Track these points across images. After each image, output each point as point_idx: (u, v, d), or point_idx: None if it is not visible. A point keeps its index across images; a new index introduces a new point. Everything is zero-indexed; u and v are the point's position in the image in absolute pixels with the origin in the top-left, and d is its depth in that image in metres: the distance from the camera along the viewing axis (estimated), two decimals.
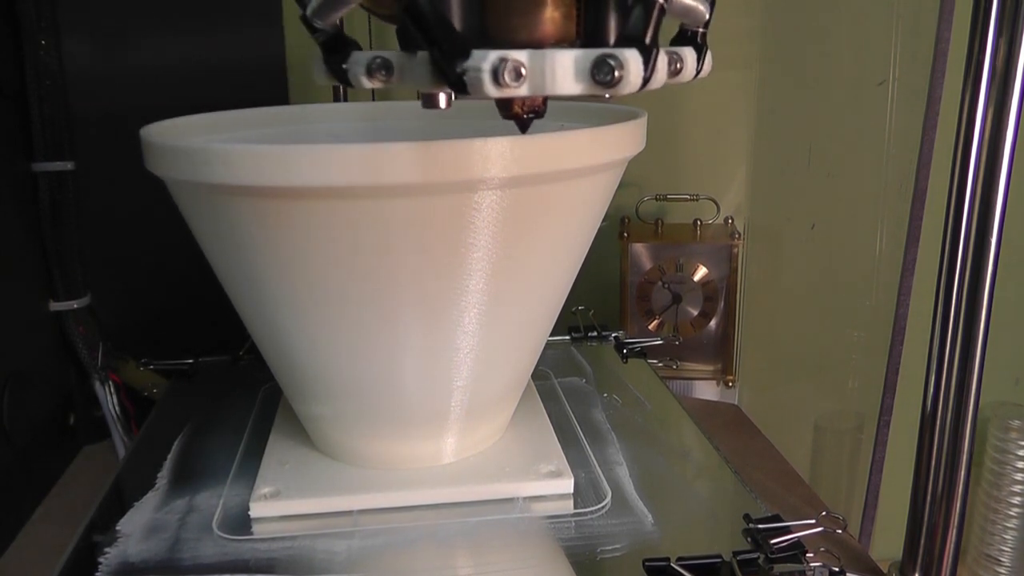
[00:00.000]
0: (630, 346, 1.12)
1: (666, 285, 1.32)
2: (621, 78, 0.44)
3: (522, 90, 0.45)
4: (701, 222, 1.31)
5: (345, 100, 1.25)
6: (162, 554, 0.70)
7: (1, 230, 1.00)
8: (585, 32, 0.47)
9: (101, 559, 0.69)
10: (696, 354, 1.35)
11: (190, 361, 1.08)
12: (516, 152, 0.61)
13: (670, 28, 0.52)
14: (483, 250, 0.66)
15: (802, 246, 1.38)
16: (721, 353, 1.34)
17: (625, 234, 1.30)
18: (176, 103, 0.85)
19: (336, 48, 0.55)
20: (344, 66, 0.54)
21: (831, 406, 1.39)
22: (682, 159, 1.39)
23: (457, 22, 0.45)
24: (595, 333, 1.16)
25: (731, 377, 1.34)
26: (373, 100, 1.30)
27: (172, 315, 1.20)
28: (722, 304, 1.32)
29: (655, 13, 0.45)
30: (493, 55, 0.44)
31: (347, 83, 0.54)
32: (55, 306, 1.10)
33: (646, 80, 0.45)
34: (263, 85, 1.19)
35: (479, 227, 0.64)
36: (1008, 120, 0.67)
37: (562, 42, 0.48)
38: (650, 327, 1.34)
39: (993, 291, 0.70)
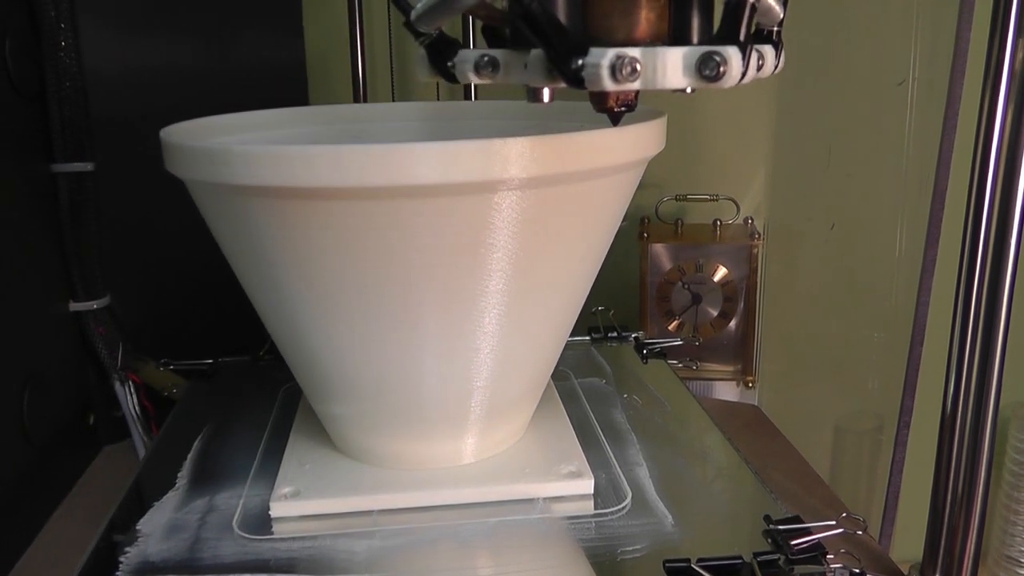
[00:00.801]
0: (650, 347, 1.12)
1: (686, 285, 1.31)
2: (724, 73, 0.48)
3: (636, 84, 0.48)
4: (721, 222, 1.31)
5: (365, 101, 1.25)
6: (182, 553, 0.70)
7: (21, 231, 1.00)
8: (676, 31, 0.51)
9: (121, 558, 0.69)
10: (716, 355, 1.35)
11: (210, 361, 1.09)
12: (536, 152, 0.61)
13: None
14: (503, 250, 0.66)
15: (822, 246, 1.38)
16: (741, 354, 1.34)
17: (645, 234, 1.30)
18: (196, 104, 0.85)
19: (441, 49, 0.59)
20: (450, 64, 0.59)
21: (851, 407, 1.38)
22: (702, 159, 1.39)
23: (566, 23, 0.50)
24: (615, 334, 1.16)
25: (751, 378, 1.34)
26: (393, 100, 1.30)
27: (192, 315, 1.20)
28: (742, 304, 1.32)
29: (747, 13, 0.48)
30: (611, 52, 0.48)
31: (452, 79, 0.59)
32: (75, 306, 1.10)
33: (743, 74, 0.49)
34: (283, 86, 1.19)
35: (499, 227, 0.64)
36: None
37: (656, 40, 0.51)
38: (670, 328, 1.33)
39: (1013, 291, 0.70)
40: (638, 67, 0.48)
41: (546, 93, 0.55)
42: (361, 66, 1.24)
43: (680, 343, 1.13)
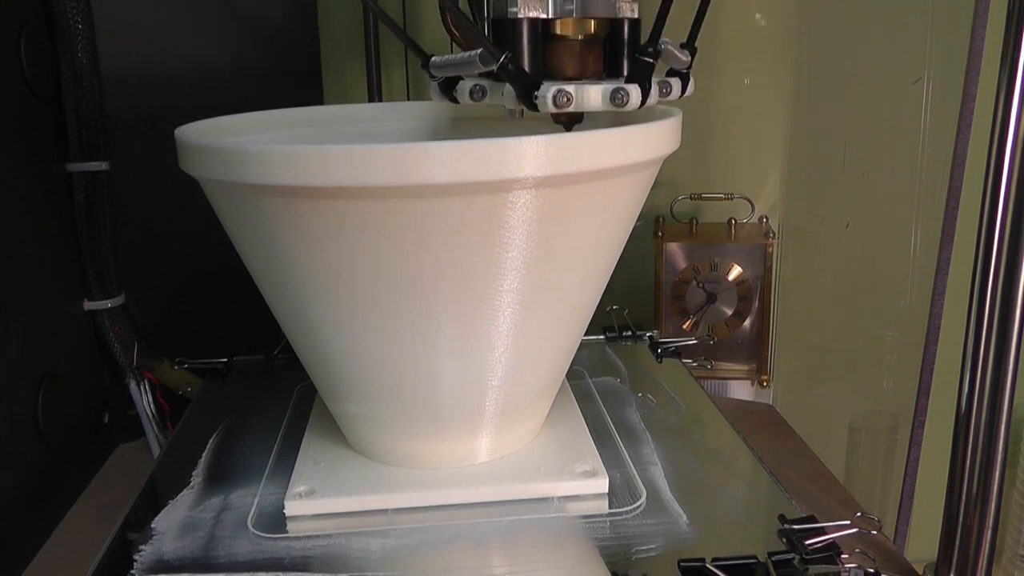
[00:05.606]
0: (664, 346, 1.12)
1: (700, 285, 1.31)
2: (628, 102, 0.70)
3: (570, 108, 0.70)
4: (736, 221, 1.31)
5: (380, 100, 1.25)
6: (197, 552, 0.70)
7: (36, 230, 1.00)
8: (607, 73, 0.76)
9: (136, 557, 0.70)
10: (730, 354, 1.35)
11: (224, 360, 1.09)
12: (551, 151, 0.61)
13: None
14: (517, 250, 0.66)
15: (837, 245, 1.37)
16: (755, 353, 1.34)
17: (659, 233, 1.30)
18: (211, 104, 0.85)
19: (448, 83, 0.79)
20: (455, 92, 0.79)
21: (866, 406, 1.38)
22: (717, 158, 1.39)
23: (529, 68, 0.72)
24: (629, 333, 1.16)
25: (765, 377, 1.33)
26: (408, 100, 1.30)
27: (207, 314, 1.20)
28: (756, 304, 1.31)
29: (648, 65, 0.72)
30: (554, 87, 0.69)
31: (455, 101, 0.79)
32: (90, 306, 1.11)
33: (642, 103, 0.71)
34: (298, 86, 1.19)
35: (514, 226, 0.64)
36: None
37: (593, 76, 0.75)
38: (684, 327, 1.33)
39: None
40: (570, 97, 0.69)
41: (517, 112, 0.76)
42: (376, 66, 1.24)
43: (695, 342, 1.13)
